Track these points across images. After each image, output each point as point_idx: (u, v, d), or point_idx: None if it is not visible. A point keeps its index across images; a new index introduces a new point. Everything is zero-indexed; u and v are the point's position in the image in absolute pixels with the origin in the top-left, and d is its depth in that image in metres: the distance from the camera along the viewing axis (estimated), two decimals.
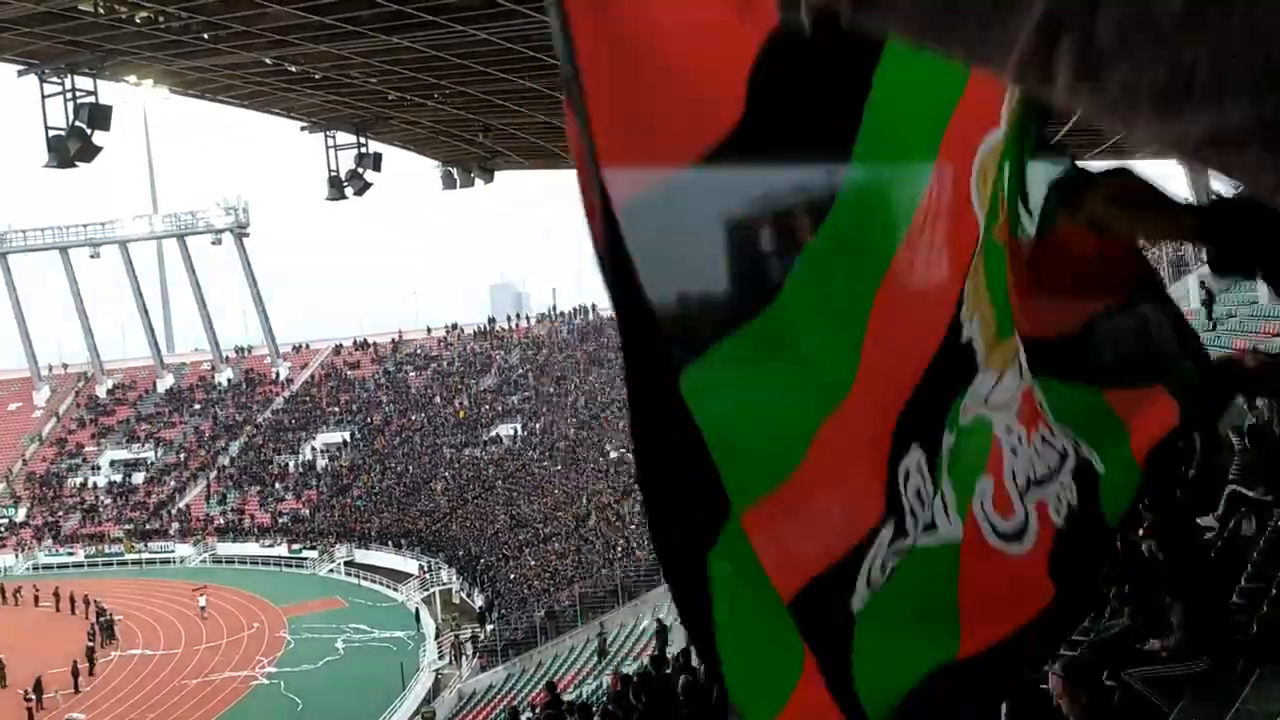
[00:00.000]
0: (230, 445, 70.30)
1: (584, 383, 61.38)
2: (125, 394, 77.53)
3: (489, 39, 13.84)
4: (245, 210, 74.37)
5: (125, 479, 69.31)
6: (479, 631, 40.11)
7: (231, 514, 63.78)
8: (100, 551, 62.96)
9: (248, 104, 17.48)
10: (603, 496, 46.52)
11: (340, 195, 18.99)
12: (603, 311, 68.74)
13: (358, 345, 76.86)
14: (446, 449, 61.23)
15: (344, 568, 55.34)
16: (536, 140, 22.42)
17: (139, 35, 12.88)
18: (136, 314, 77.07)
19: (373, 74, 16.07)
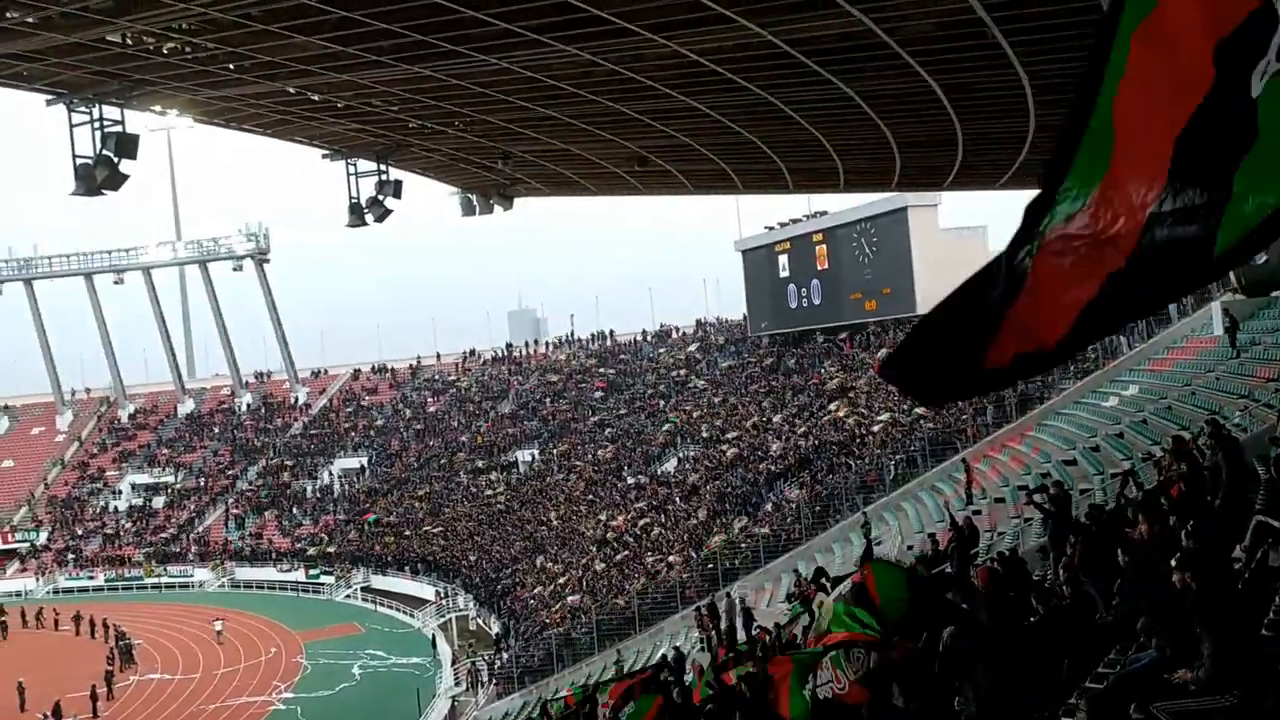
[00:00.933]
0: (249, 470, 70.57)
1: (601, 408, 61.32)
2: (147, 418, 78.02)
3: (509, 68, 13.94)
4: (266, 236, 75.00)
5: (146, 503, 69.63)
6: (495, 658, 39.96)
7: (249, 539, 63.92)
8: (120, 575, 63.21)
9: (271, 132, 17.65)
10: (620, 522, 46.36)
11: (361, 222, 19.12)
12: (620, 337, 68.77)
13: (376, 370, 77.16)
14: (464, 474, 61.24)
15: (360, 593, 55.34)
16: (555, 167, 22.53)
17: (165, 65, 13.04)
18: (159, 339, 77.70)
19: (394, 102, 16.20)
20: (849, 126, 18.52)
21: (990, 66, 14.28)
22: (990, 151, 21.52)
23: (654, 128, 18.17)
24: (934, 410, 36.03)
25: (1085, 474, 23.51)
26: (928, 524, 28.60)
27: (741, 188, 27.46)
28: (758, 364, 55.81)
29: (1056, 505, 15.04)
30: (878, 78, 15.12)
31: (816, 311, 53.24)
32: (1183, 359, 28.42)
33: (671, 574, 37.68)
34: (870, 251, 49.83)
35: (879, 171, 24.80)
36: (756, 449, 45.53)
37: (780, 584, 31.96)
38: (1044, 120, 17.51)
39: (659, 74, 14.63)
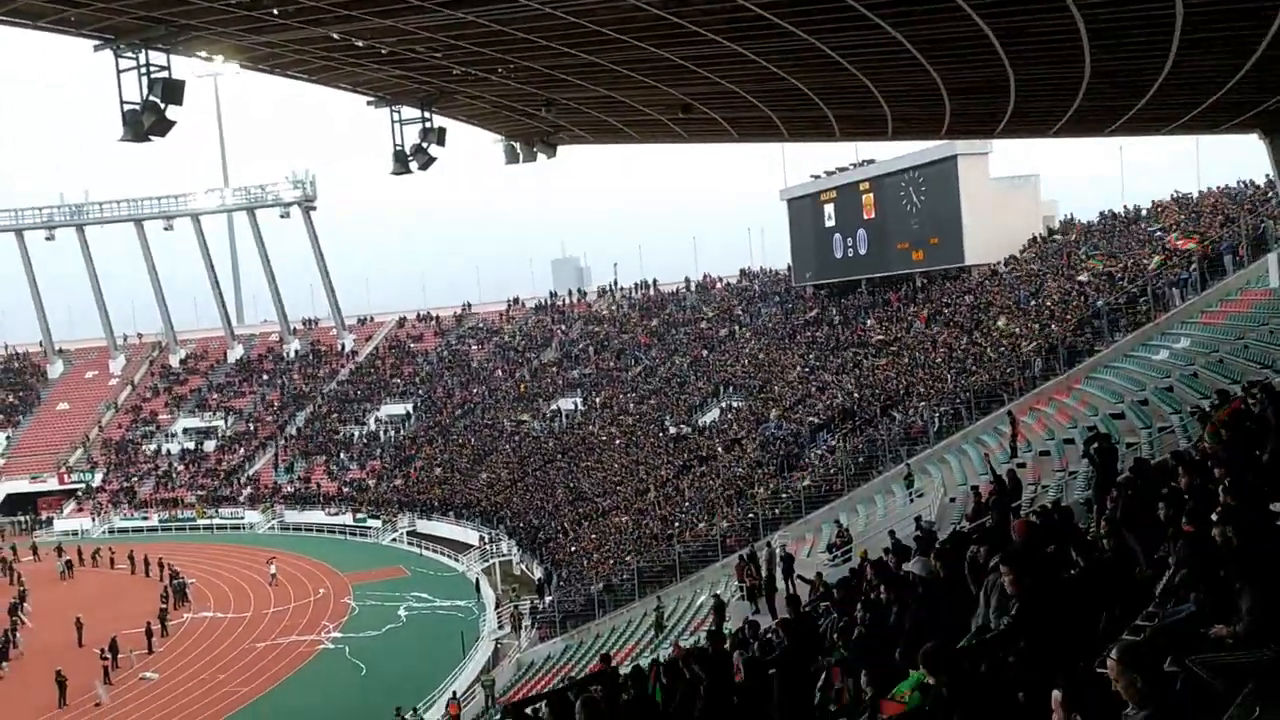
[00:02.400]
0: (297, 415, 71.73)
1: (644, 358, 61.42)
2: (197, 364, 79.44)
3: (553, 13, 13.79)
4: (313, 184, 75.51)
5: (198, 446, 71.15)
6: (538, 603, 40.57)
7: (298, 482, 65.15)
8: (174, 517, 64.82)
9: (316, 79, 17.65)
10: (662, 471, 46.62)
11: (405, 169, 19.13)
12: (663, 287, 68.63)
13: (421, 318, 77.79)
14: (507, 422, 61.81)
15: (406, 537, 56.32)
16: (599, 115, 22.35)
17: (210, 10, 13.05)
18: (208, 285, 78.85)
19: (437, 49, 16.11)
20: (898, 72, 18.15)
21: (1045, 10, 13.90)
22: (1043, 98, 21.01)
23: (698, 74, 17.94)
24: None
25: (1133, 427, 23.23)
26: (971, 476, 28.46)
27: (787, 135, 27.04)
28: (802, 314, 55.50)
29: (1102, 458, 14.92)
30: (929, 22, 14.78)
31: (862, 262, 52.71)
32: (1236, 311, 27.84)
33: (713, 523, 37.90)
34: (918, 201, 49.12)
35: (928, 119, 24.31)
36: (800, 400, 45.42)
37: (821, 534, 32.05)
38: (1099, 66, 17.06)
39: (704, 19, 14.41)
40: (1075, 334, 34.04)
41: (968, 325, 41.63)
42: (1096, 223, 44.89)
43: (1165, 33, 14.77)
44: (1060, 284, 39.45)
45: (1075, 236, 44.52)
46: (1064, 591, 6.45)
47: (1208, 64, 17.35)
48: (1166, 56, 16.20)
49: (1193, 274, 31.86)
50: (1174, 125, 24.18)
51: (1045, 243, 45.73)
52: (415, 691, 32.18)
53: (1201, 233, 35.35)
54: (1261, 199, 34.91)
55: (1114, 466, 14.59)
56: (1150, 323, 31.48)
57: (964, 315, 42.97)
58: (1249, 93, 19.94)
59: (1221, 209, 36.85)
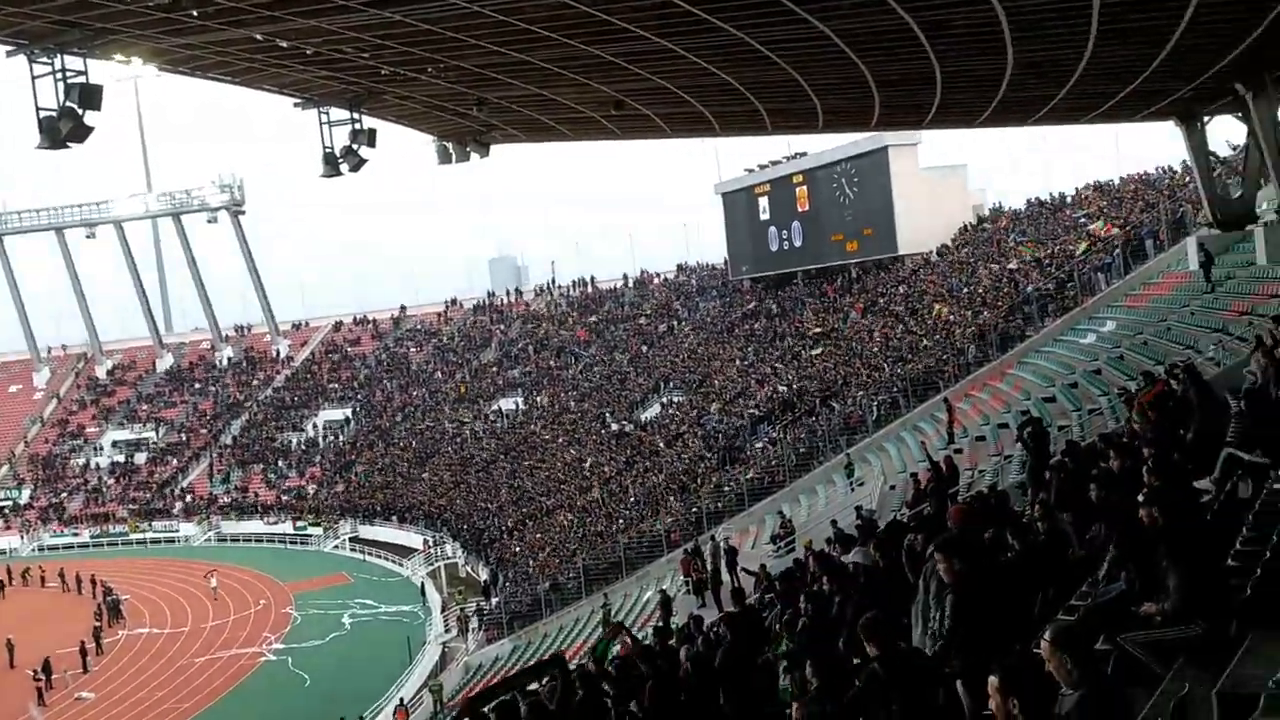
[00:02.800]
0: (232, 424, 70.44)
1: (584, 355, 61.35)
2: (125, 374, 77.60)
3: (481, 11, 13.69)
4: (240, 188, 74.13)
5: (128, 459, 69.51)
6: (484, 604, 40.34)
7: (235, 492, 64.00)
8: (105, 532, 63.28)
9: (239, 81, 17.33)
10: (605, 469, 46.62)
11: (335, 172, 18.85)
12: (601, 284, 68.60)
13: (357, 322, 76.84)
14: (448, 424, 61.34)
15: (348, 544, 55.63)
16: (532, 113, 22.25)
17: (128, 13, 12.74)
18: (134, 294, 77.03)
19: (365, 49, 15.91)
20: (826, 66, 18.33)
21: (967, 2, 14.14)
22: (969, 90, 21.37)
23: (630, 70, 17.94)
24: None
25: (1064, 410, 23.75)
26: (910, 464, 28.87)
27: (719, 130, 27.19)
28: (739, 307, 55.83)
29: (1035, 441, 15.23)
30: (854, 15, 14.95)
31: (798, 253, 53.17)
32: (1158, 294, 28.61)
33: (657, 519, 37.99)
34: (851, 192, 49.67)
35: (858, 111, 24.61)
36: (739, 393, 45.71)
37: (764, 526, 32.29)
38: (1021, 57, 17.40)
39: (633, 15, 14.42)
40: (1007, 320, 34.70)
41: (903, 314, 42.22)
42: (1024, 210, 45.79)
43: (1083, 23, 15.11)
44: (991, 271, 40.18)
45: (1004, 224, 45.37)
46: (999, 576, 6.57)
47: (1125, 54, 17.78)
48: (1085, 47, 16.58)
49: (1116, 259, 32.68)
50: (1095, 114, 24.76)
51: (975, 231, 46.54)
52: (361, 700, 31.81)
53: (1124, 219, 36.25)
54: (1179, 184, 35.89)
55: (1047, 449, 14.90)
56: (1077, 307, 32.22)
57: (899, 304, 43.57)
58: (1164, 81, 20.48)
59: (1141, 195, 37.81)
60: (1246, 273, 23.69)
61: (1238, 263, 24.79)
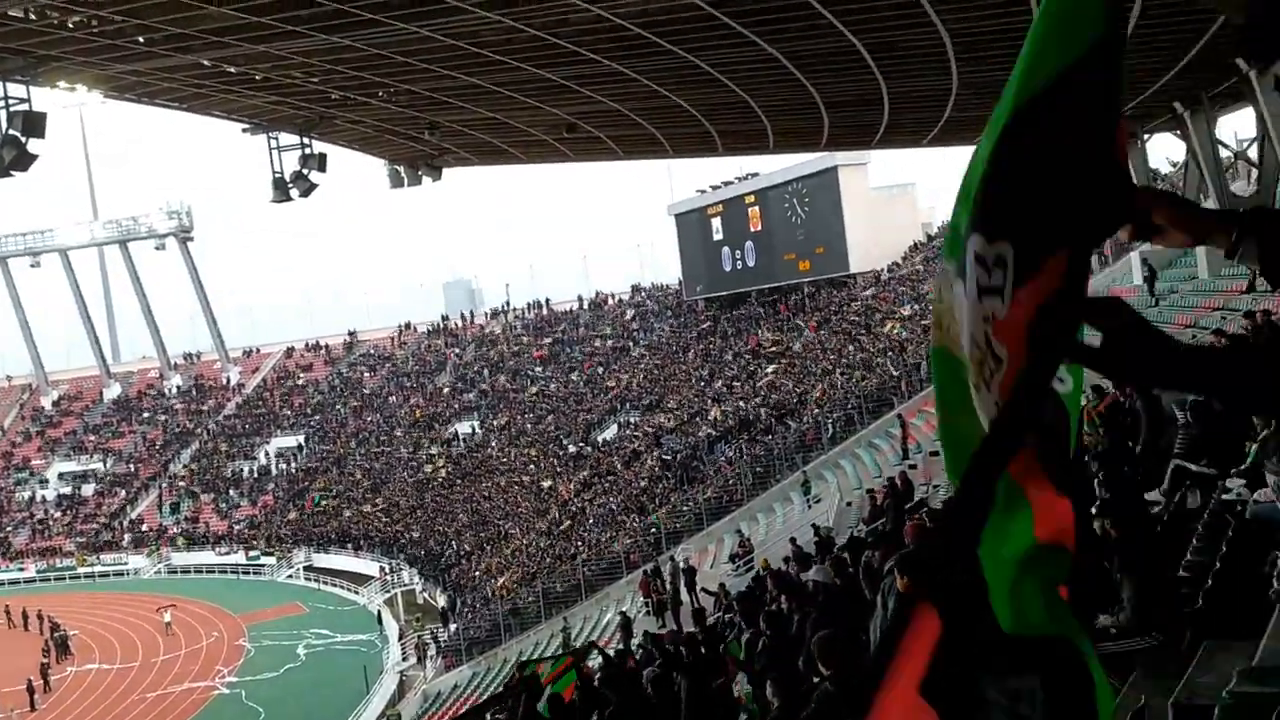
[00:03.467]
0: (182, 453, 69.25)
1: (540, 377, 61.18)
2: (71, 405, 76.04)
3: (431, 36, 13.70)
4: (189, 214, 73.15)
5: (75, 491, 68.02)
6: (442, 631, 39.91)
7: (186, 523, 62.86)
8: (52, 566, 61.78)
9: (187, 107, 17.17)
10: (562, 491, 46.44)
11: (285, 197, 18.71)
12: (556, 305, 68.54)
13: (309, 347, 75.97)
14: (403, 449, 60.79)
15: (303, 573, 54.78)
16: (484, 136, 22.26)
17: (71, 40, 12.60)
18: (80, 323, 75.60)
19: (314, 74, 15.84)
20: (776, 87, 18.55)
21: (912, 24, 14.39)
22: (915, 109, 21.73)
23: (581, 93, 18.03)
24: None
25: None
26: (866, 480, 29.07)
27: (671, 151, 27.38)
28: (694, 328, 56.04)
29: None
30: (802, 37, 15.15)
31: (751, 273, 53.51)
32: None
33: (616, 540, 37.88)
34: (802, 212, 50.14)
35: (807, 132, 24.91)
36: (696, 413, 45.81)
37: (723, 545, 32.33)
38: (967, 77, 17.72)
39: (583, 39, 14.50)
40: None
41: (855, 332, 42.61)
42: None
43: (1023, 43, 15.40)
44: None
45: None
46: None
47: None
48: None
49: None
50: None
51: (925, 249, 47.17)
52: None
53: None
54: None
55: None
56: None
57: (851, 322, 43.98)
58: None
59: None
60: (1190, 286, 24.22)
61: (1181, 277, 25.33)
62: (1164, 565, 5.45)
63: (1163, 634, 4.89)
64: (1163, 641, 4.89)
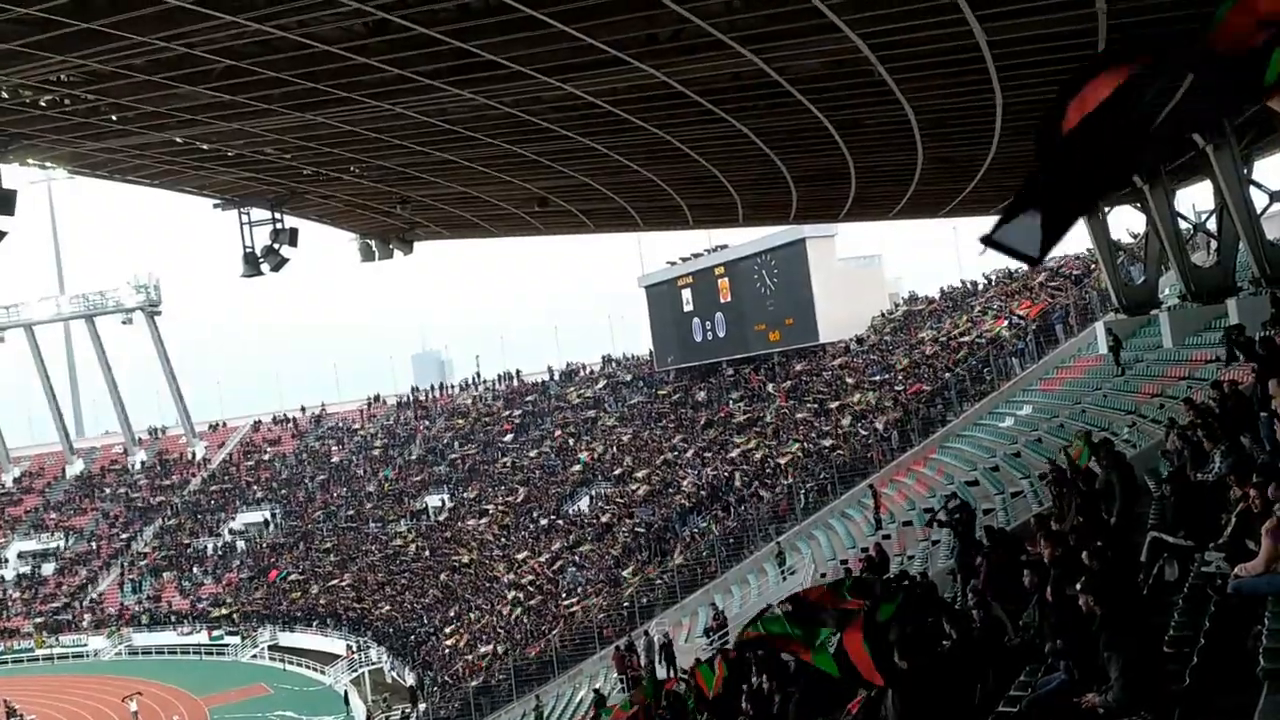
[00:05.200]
0: (145, 530, 67.89)
1: (510, 449, 60.75)
2: (33, 482, 74.56)
3: (404, 113, 13.83)
4: (157, 288, 72.73)
5: (35, 570, 66.36)
6: (411, 711, 38.99)
7: (148, 602, 61.39)
8: (10, 648, 60.01)
9: (158, 183, 17.18)
10: (534, 565, 45.85)
11: (256, 272, 18.65)
12: (527, 377, 68.37)
13: (277, 421, 75.15)
14: (372, 523, 59.94)
15: (268, 651, 53.51)
16: (455, 210, 22.38)
17: (44, 118, 12.61)
18: (44, 398, 74.49)
19: (287, 150, 15.91)
20: (745, 162, 18.82)
21: (878, 102, 14.69)
22: (882, 184, 22.10)
23: (552, 168, 18.20)
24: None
25: (988, 493, 24.09)
26: (840, 551, 28.93)
27: (642, 225, 27.65)
28: (666, 399, 56.03)
29: (963, 525, 15.39)
30: (770, 115, 15.42)
31: (722, 344, 53.75)
32: (1071, 378, 29.42)
33: (589, 615, 37.35)
34: (771, 283, 50.60)
35: (776, 205, 25.25)
36: (669, 484, 45.59)
37: (698, 619, 31.93)
38: (932, 152, 18.07)
39: (555, 115, 14.68)
40: (927, 405, 35.35)
41: (826, 401, 42.76)
42: (938, 298, 47.07)
43: (988, 122, 15.77)
44: (910, 357, 41.05)
45: (922, 309, 46.56)
46: (940, 669, 6.55)
47: (1029, 149, 18.56)
48: (990, 143, 17.29)
49: (1029, 344, 33.67)
50: (1002, 205, 25.68)
51: (892, 319, 47.64)
52: None
53: (1035, 296, 37.57)
54: (1085, 271, 37.29)
55: (974, 534, 15.06)
56: (994, 391, 32.98)
57: (821, 392, 44.16)
58: None
59: (1047, 284, 39.19)
60: (1155, 355, 24.51)
61: (1145, 346, 25.66)
62: (1150, 642, 5.41)
63: (1152, 713, 4.84)
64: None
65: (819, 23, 10.87)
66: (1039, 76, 13.35)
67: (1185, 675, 5.05)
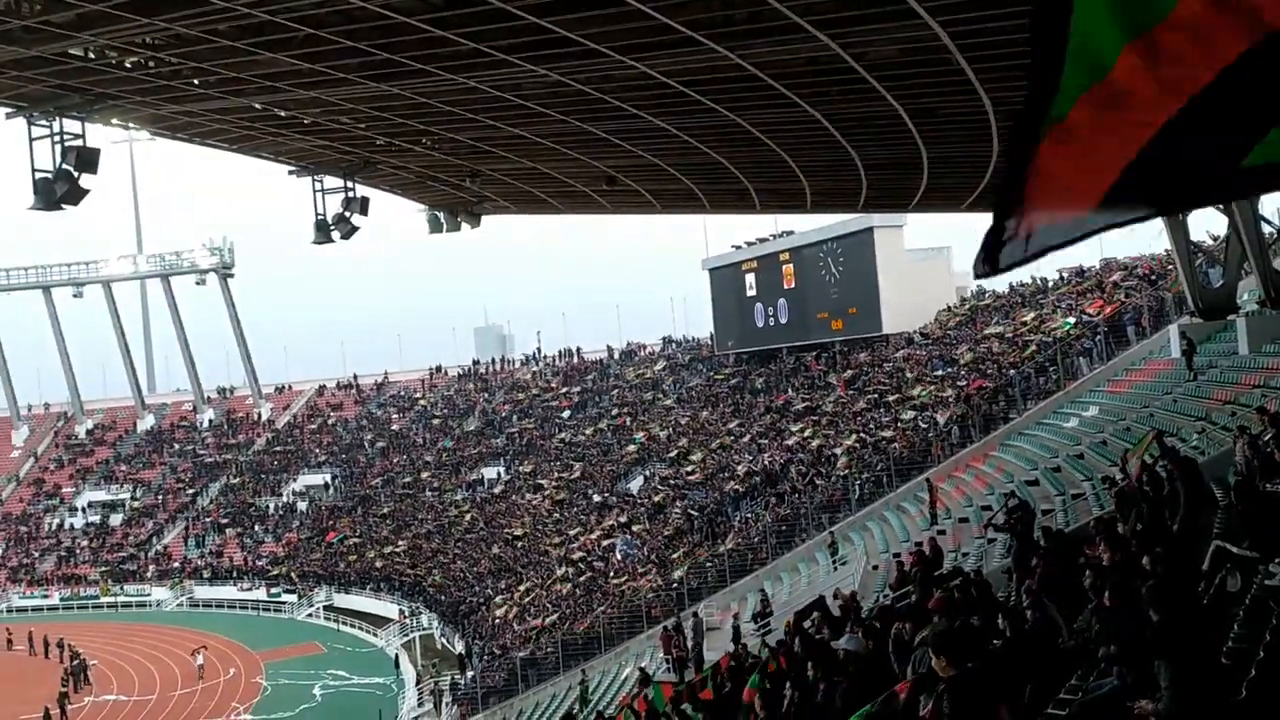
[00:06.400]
0: (210, 487, 69.64)
1: (568, 426, 61.13)
2: (105, 434, 76.83)
3: (478, 87, 13.92)
4: (230, 251, 74.32)
5: (103, 520, 68.49)
6: (459, 678, 39.58)
7: (210, 557, 63.03)
8: (76, 594, 62.05)
9: (236, 148, 17.51)
10: (587, 540, 46.18)
11: (327, 239, 18.95)
12: (587, 355, 68.68)
13: (341, 386, 76.50)
14: (428, 492, 60.80)
15: (323, 612, 54.68)
16: (523, 185, 22.52)
17: (128, 80, 12.90)
18: (118, 354, 76.64)
19: (362, 120, 16.12)
20: (816, 148, 18.65)
21: (954, 91, 14.44)
22: (955, 174, 21.74)
23: (622, 147, 18.21)
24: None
25: (1047, 494, 23.71)
26: (893, 544, 28.71)
27: (709, 207, 27.56)
28: (724, 382, 55.92)
29: (1021, 525, 15.18)
30: (844, 101, 15.25)
31: (783, 330, 53.45)
32: (1141, 381, 28.78)
33: (637, 594, 37.54)
34: (837, 271, 50.15)
35: (845, 193, 24.98)
36: (723, 468, 45.55)
37: (746, 604, 31.93)
38: (1008, 144, 17.72)
39: (627, 94, 14.67)
40: (990, 401, 34.83)
41: (886, 393, 42.35)
42: (1006, 294, 46.26)
43: None
44: (975, 352, 40.44)
45: (989, 303, 45.82)
46: (992, 669, 6.50)
47: None
48: None
49: (1098, 344, 32.97)
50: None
51: (958, 313, 46.95)
52: None
53: (1109, 296, 36.75)
54: (1161, 272, 36.38)
55: (1032, 534, 14.85)
56: (1060, 391, 32.38)
57: (882, 383, 43.73)
58: None
59: (1122, 282, 38.31)
60: (1229, 362, 23.89)
61: (1220, 352, 25.01)
62: (1206, 653, 5.31)
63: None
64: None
65: (899, 8, 10.72)
66: None
67: (1242, 688, 4.95)
